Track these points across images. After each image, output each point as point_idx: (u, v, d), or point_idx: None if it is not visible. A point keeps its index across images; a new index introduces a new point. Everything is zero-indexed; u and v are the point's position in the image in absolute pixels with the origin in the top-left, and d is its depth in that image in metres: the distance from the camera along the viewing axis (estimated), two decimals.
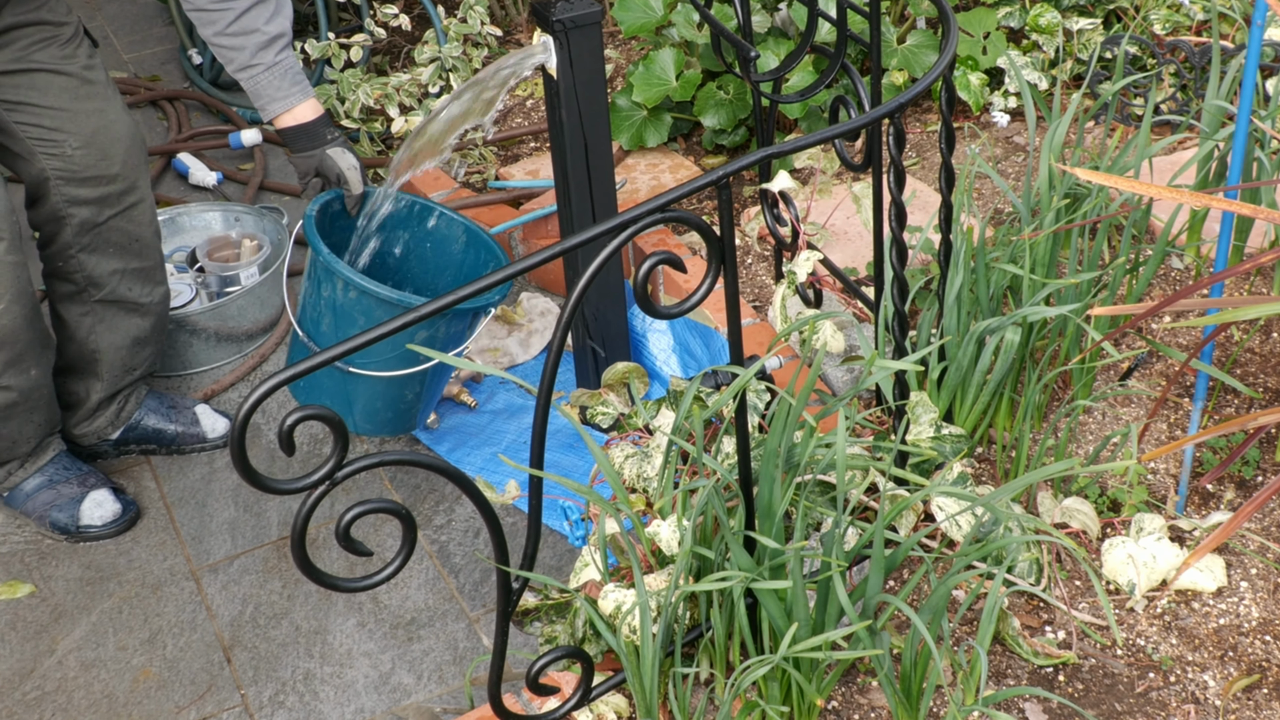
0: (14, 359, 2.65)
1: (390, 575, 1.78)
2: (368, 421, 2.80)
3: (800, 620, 2.02)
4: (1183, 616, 2.30)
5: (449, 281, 2.92)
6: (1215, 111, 2.90)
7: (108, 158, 2.72)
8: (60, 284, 2.82)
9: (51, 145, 2.66)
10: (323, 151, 2.75)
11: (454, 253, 2.91)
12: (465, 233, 2.89)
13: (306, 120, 2.73)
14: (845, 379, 2.85)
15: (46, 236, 2.77)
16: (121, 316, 2.86)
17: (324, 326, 2.68)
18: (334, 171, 2.75)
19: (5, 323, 2.60)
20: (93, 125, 2.69)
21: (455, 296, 1.72)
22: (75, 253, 2.76)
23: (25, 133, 2.65)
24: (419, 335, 2.64)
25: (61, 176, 2.68)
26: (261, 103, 2.71)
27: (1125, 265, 2.72)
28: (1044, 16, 3.67)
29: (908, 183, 3.40)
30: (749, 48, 2.67)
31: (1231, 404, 2.70)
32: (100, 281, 2.81)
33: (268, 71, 2.66)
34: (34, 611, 2.69)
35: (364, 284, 2.57)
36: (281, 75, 2.67)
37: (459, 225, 2.89)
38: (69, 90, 2.66)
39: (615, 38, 4.38)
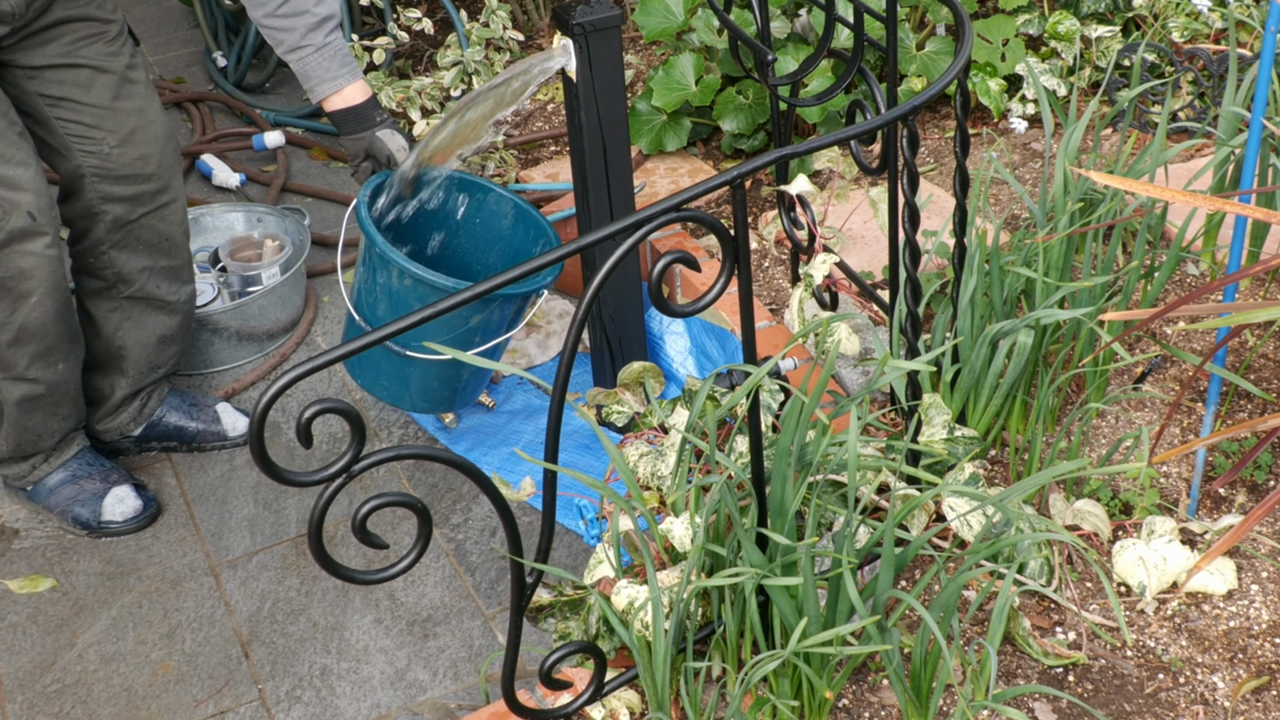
0: (43, 352, 2.69)
1: (406, 568, 1.80)
2: (424, 400, 2.83)
3: (811, 617, 2.03)
4: (1193, 618, 2.31)
5: (497, 257, 2.94)
6: (1231, 118, 2.91)
7: (144, 157, 2.75)
8: (90, 280, 2.86)
9: (89, 143, 2.69)
10: (372, 133, 2.75)
11: (502, 229, 2.93)
12: (514, 209, 2.90)
13: (356, 102, 2.73)
14: (859, 381, 2.87)
15: (78, 232, 2.80)
16: (149, 314, 2.90)
17: (380, 311, 2.71)
18: (384, 153, 2.75)
19: (37, 315, 2.63)
20: (132, 124, 2.72)
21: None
22: (106, 249, 2.79)
23: (64, 129, 2.68)
24: (474, 318, 2.66)
25: (97, 174, 2.72)
26: (311, 84, 2.71)
27: (1140, 270, 2.73)
28: (1062, 24, 3.68)
29: (926, 187, 3.42)
30: (767, 51, 2.70)
31: (1244, 408, 2.71)
32: (129, 278, 2.84)
33: (317, 53, 2.66)
34: (55, 605, 2.72)
35: (419, 272, 2.58)
36: (331, 57, 2.68)
37: (508, 202, 2.91)
38: (111, 88, 2.69)
39: (636, 43, 4.40)
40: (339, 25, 2.69)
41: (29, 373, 2.70)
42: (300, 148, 4.26)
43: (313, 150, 4.24)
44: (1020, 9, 3.77)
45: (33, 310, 2.62)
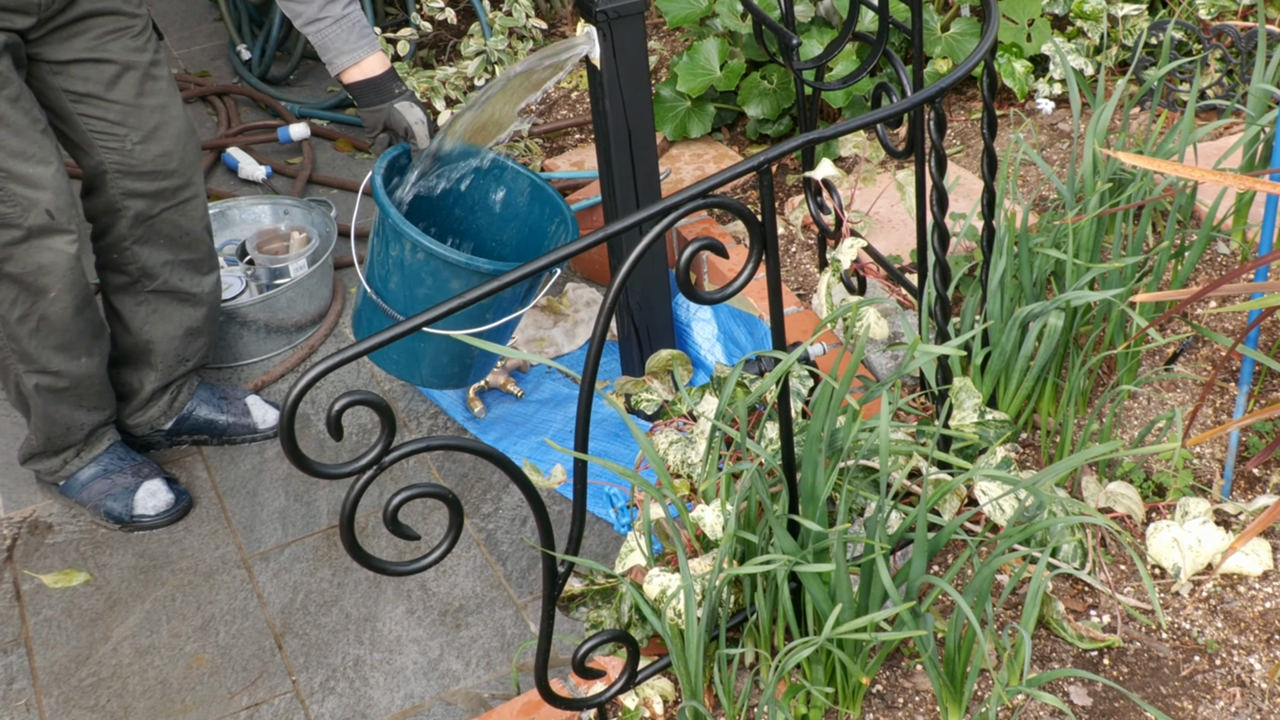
0: (64, 345, 2.70)
1: (438, 558, 1.80)
2: (435, 376, 2.82)
3: (844, 603, 2.03)
4: (1228, 600, 2.30)
5: (513, 232, 2.93)
6: (1261, 96, 2.88)
7: (166, 154, 2.75)
8: (114, 276, 2.87)
9: (112, 139, 2.70)
10: (390, 105, 2.73)
11: (519, 206, 2.92)
12: (530, 186, 2.89)
13: (374, 74, 2.71)
14: (889, 365, 2.86)
15: (101, 228, 2.81)
16: (174, 306, 2.91)
17: (391, 285, 2.71)
18: (401, 125, 2.73)
19: (57, 310, 2.64)
20: (155, 121, 2.73)
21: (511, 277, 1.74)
22: (129, 245, 2.80)
23: (87, 125, 2.68)
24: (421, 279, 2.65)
25: (119, 170, 2.72)
26: (329, 56, 2.69)
27: (1170, 250, 2.71)
28: (1088, 2, 3.66)
29: (952, 170, 3.40)
30: (791, 35, 2.69)
31: (1278, 388, 2.69)
32: (153, 273, 2.85)
33: (335, 25, 2.65)
34: (89, 599, 2.74)
35: (432, 246, 2.57)
36: (349, 29, 2.66)
37: (524, 179, 2.89)
38: (135, 85, 2.70)
39: (659, 29, 4.39)
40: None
41: (51, 365, 2.71)
42: (325, 140, 4.27)
43: (338, 142, 4.24)
44: None
45: (52, 304, 2.63)
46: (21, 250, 2.57)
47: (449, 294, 2.63)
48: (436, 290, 2.66)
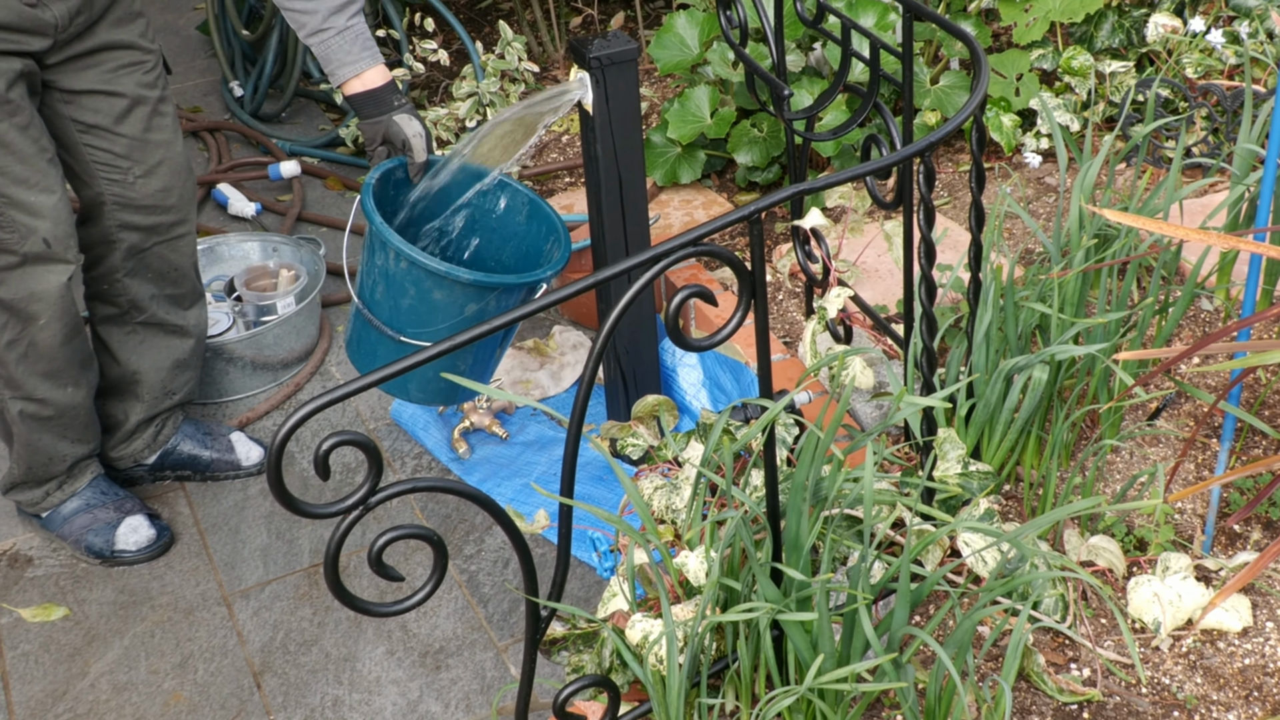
0: (51, 373, 2.70)
1: (421, 600, 1.80)
2: (421, 391, 2.81)
3: (826, 652, 2.03)
4: (1208, 656, 2.30)
5: (512, 250, 2.91)
6: (1246, 155, 2.91)
7: (166, 189, 2.77)
8: (104, 307, 2.87)
9: (115, 171, 2.71)
10: (389, 118, 2.72)
11: (517, 223, 2.90)
12: (528, 204, 2.88)
13: (374, 86, 2.70)
14: (874, 415, 2.87)
15: (94, 259, 2.82)
16: (162, 338, 2.91)
17: (378, 294, 2.70)
18: (400, 138, 2.72)
19: (44, 338, 2.65)
20: (158, 156, 2.75)
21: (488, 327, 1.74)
22: (121, 276, 2.81)
23: (91, 156, 2.70)
24: (469, 308, 2.64)
25: (118, 202, 2.74)
26: (331, 68, 2.68)
27: (1154, 306, 2.73)
28: (1076, 59, 3.69)
29: (939, 221, 3.42)
30: (783, 85, 2.71)
31: (1259, 445, 2.70)
32: (141, 305, 2.86)
33: (339, 36, 2.63)
34: (67, 634, 2.73)
35: (413, 255, 2.57)
36: (352, 40, 2.65)
37: (523, 196, 2.88)
38: (143, 120, 2.71)
39: (651, 75, 4.42)
40: (361, 9, 2.67)
41: (37, 393, 2.71)
42: (316, 177, 4.28)
43: (328, 180, 4.26)
44: (1034, 44, 3.78)
45: (41, 331, 2.64)
46: (15, 276, 2.57)
47: (432, 305, 2.64)
48: (420, 300, 2.65)
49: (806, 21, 2.74)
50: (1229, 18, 3.76)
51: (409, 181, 2.79)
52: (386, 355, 2.76)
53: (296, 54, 4.48)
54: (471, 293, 2.61)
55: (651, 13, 4.87)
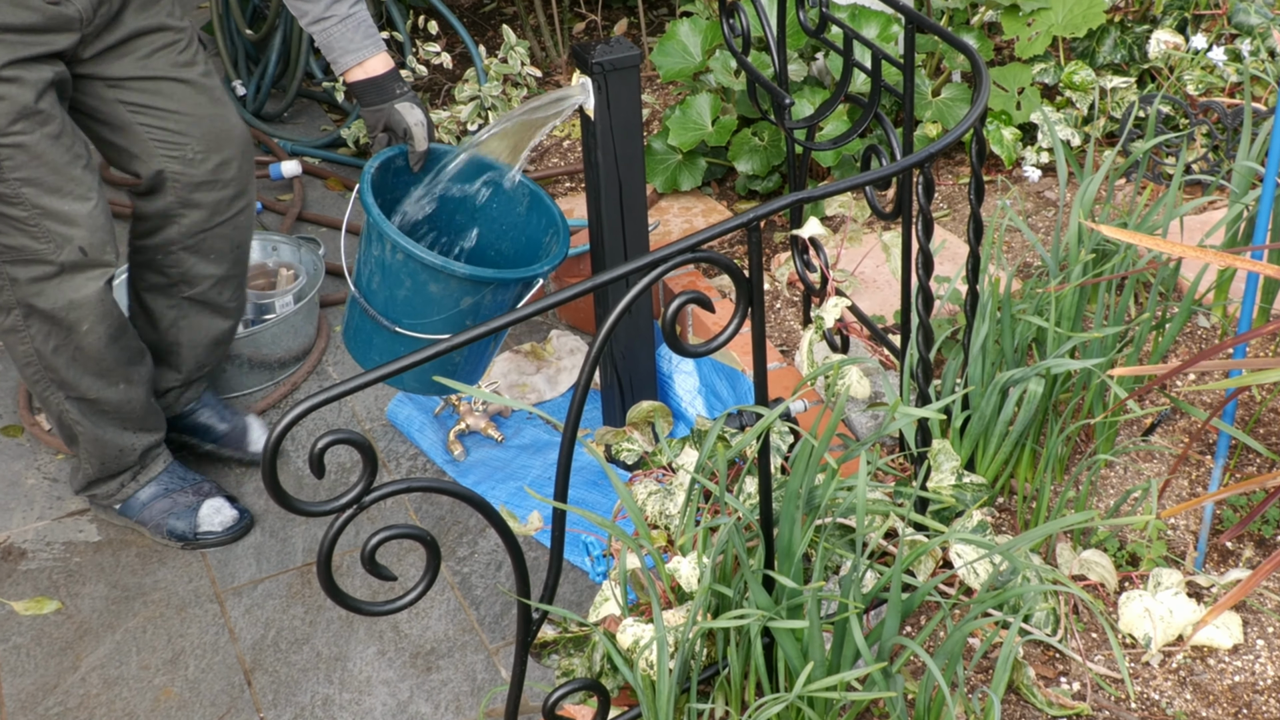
0: (100, 373, 2.71)
1: (414, 600, 1.81)
2: (416, 380, 2.80)
3: (816, 661, 2.03)
4: (1198, 672, 2.31)
5: (512, 240, 2.91)
6: (1245, 173, 2.92)
7: (226, 163, 2.77)
8: (151, 275, 2.88)
9: (173, 147, 2.71)
10: (390, 105, 2.72)
11: (518, 214, 2.89)
12: (529, 196, 2.87)
13: (377, 74, 2.70)
14: (869, 425, 2.87)
15: (150, 228, 2.81)
16: (205, 316, 2.93)
17: (374, 284, 2.70)
18: (401, 126, 2.72)
19: (89, 342, 2.66)
20: (214, 129, 2.75)
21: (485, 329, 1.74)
22: (177, 250, 2.81)
23: (148, 134, 2.70)
24: (464, 301, 2.64)
25: (179, 179, 2.74)
26: (334, 56, 2.68)
27: (1151, 322, 2.74)
28: (1078, 74, 3.70)
29: (939, 233, 3.43)
30: (784, 95, 2.71)
31: (1253, 461, 2.71)
32: (194, 281, 2.87)
33: (340, 24, 2.64)
34: (59, 628, 2.73)
35: (409, 247, 2.56)
36: (354, 28, 2.65)
37: (524, 187, 2.87)
38: (190, 96, 2.71)
39: (653, 82, 4.43)
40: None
41: (90, 393, 2.73)
42: (317, 178, 4.28)
43: (329, 180, 4.26)
44: (1036, 58, 3.79)
45: (85, 337, 2.65)
46: (52, 286, 2.58)
47: (428, 297, 2.64)
48: (415, 292, 2.65)
49: (809, 31, 2.75)
50: (1231, 35, 3.77)
51: (409, 170, 2.79)
52: (382, 345, 2.76)
53: (300, 54, 4.48)
54: (467, 286, 2.61)
55: (655, 19, 4.87)
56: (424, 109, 2.75)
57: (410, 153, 2.75)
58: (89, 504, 2.99)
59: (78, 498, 3.03)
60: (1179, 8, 3.82)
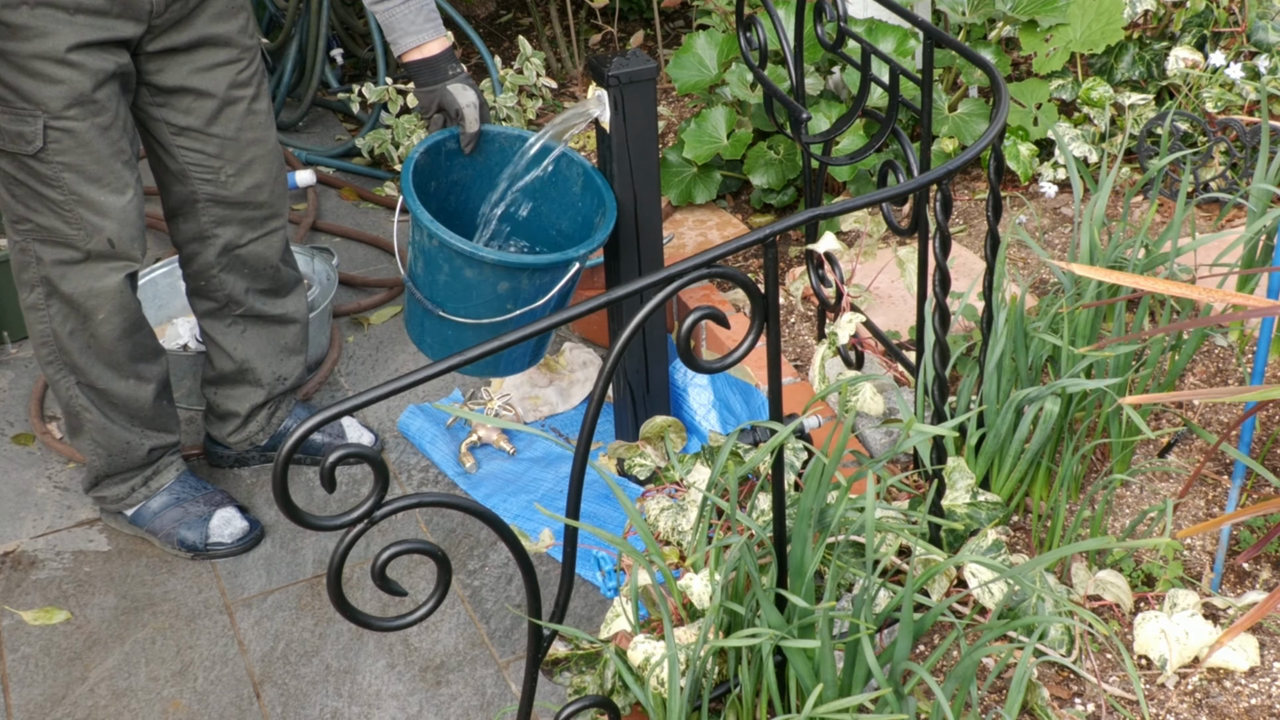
0: (112, 364, 2.73)
1: (424, 616, 1.79)
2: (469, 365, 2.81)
3: (827, 681, 2.02)
4: (1214, 694, 2.29)
5: (570, 219, 2.88)
6: (1263, 192, 2.90)
7: (259, 185, 2.78)
8: (203, 302, 2.91)
9: (208, 171, 2.73)
10: (443, 87, 2.73)
11: (574, 194, 2.88)
12: (583, 175, 2.84)
13: (431, 55, 2.71)
14: (884, 442, 2.85)
15: (188, 254, 2.85)
16: (263, 327, 2.95)
17: (419, 270, 2.72)
18: (454, 107, 2.72)
19: (104, 331, 2.67)
20: (251, 154, 2.75)
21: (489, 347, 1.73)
22: (216, 272, 2.84)
23: (185, 157, 2.71)
24: (501, 286, 2.64)
25: (211, 200, 2.75)
26: (394, 36, 2.71)
27: (1164, 342, 2.72)
28: (1096, 90, 3.69)
29: (954, 249, 3.42)
30: (801, 109, 2.70)
31: (1271, 483, 2.69)
32: (237, 299, 2.89)
33: (403, 6, 2.66)
34: (68, 638, 2.72)
35: (439, 232, 2.57)
36: (417, 10, 2.68)
37: (578, 167, 2.84)
38: (236, 120, 2.71)
39: (668, 94, 4.42)
40: None
41: (99, 382, 2.74)
42: (331, 187, 4.28)
43: (343, 190, 4.26)
44: (1054, 74, 3.78)
45: (101, 325, 2.66)
46: (76, 271, 2.60)
47: (465, 282, 2.64)
48: (453, 277, 2.65)
49: (826, 45, 2.74)
50: (1250, 53, 3.75)
51: (459, 152, 2.79)
52: (433, 329, 2.77)
53: (315, 63, 4.49)
54: (500, 272, 2.60)
55: (671, 32, 4.87)
56: (477, 90, 2.76)
57: (461, 134, 2.75)
58: (99, 512, 2.99)
59: (88, 507, 3.03)
60: (1198, 25, 3.80)
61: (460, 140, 2.76)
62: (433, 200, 2.81)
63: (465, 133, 2.75)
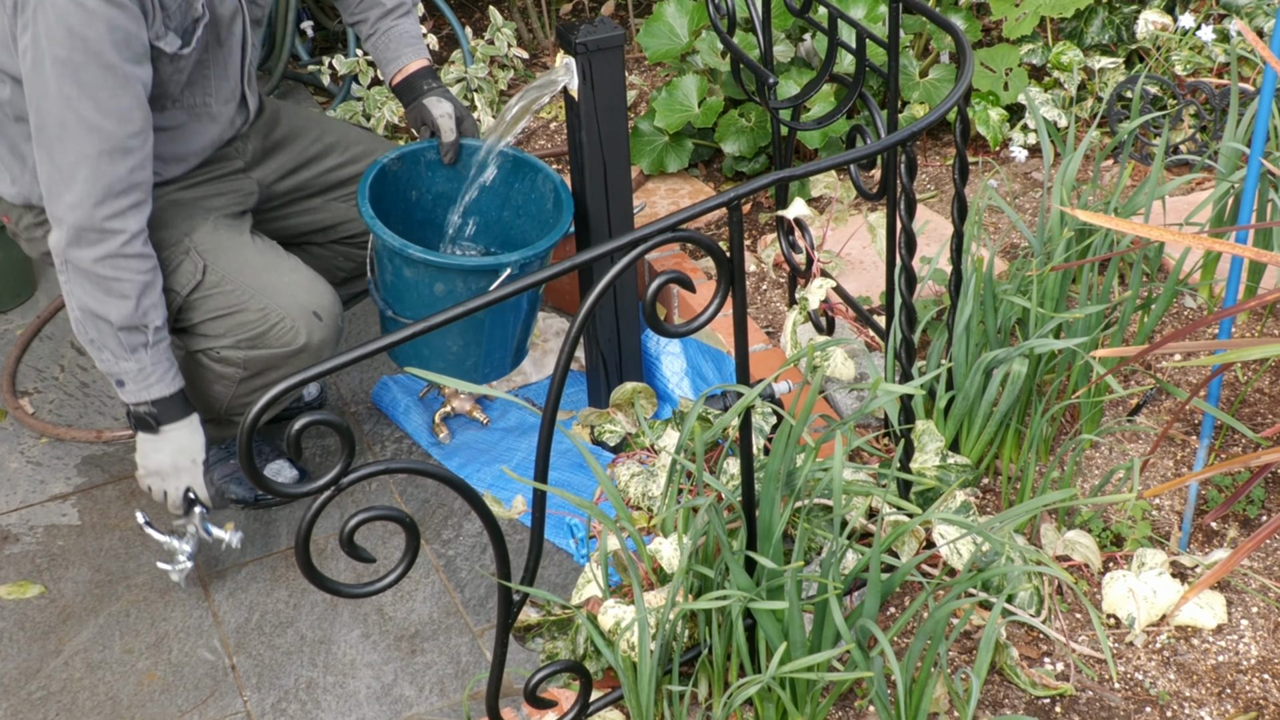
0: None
1: (393, 582, 1.80)
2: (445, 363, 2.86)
3: (796, 642, 2.03)
4: (1182, 652, 2.30)
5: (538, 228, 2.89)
6: (1231, 153, 2.91)
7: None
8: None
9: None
10: (420, 102, 2.84)
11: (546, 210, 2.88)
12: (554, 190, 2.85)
13: (409, 74, 2.87)
14: (854, 406, 2.86)
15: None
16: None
17: (374, 269, 2.79)
18: (430, 119, 2.82)
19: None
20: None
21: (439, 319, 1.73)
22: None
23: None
24: (437, 288, 2.66)
25: None
26: (381, 66, 2.92)
27: (1135, 302, 2.73)
28: (1066, 54, 3.69)
29: (924, 213, 3.42)
30: (768, 74, 2.70)
31: (1238, 441, 2.70)
32: None
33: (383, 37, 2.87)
34: (42, 612, 2.72)
35: (375, 227, 2.61)
36: (397, 38, 2.87)
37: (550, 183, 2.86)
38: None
39: (640, 63, 4.41)
40: (408, 11, 2.90)
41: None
42: None
43: None
44: (1024, 39, 3.78)
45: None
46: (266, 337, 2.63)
47: (404, 281, 2.69)
48: (396, 276, 2.69)
49: (794, 10, 2.74)
50: (1219, 15, 3.76)
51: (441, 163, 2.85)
52: (390, 329, 2.82)
53: (285, 36, 4.46)
54: (433, 272, 2.62)
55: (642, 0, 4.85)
56: (453, 102, 2.84)
57: (440, 145, 2.82)
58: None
59: (61, 481, 3.02)
60: None
61: (440, 151, 2.83)
62: (416, 210, 2.87)
63: (442, 143, 2.82)
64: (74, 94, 2.31)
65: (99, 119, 2.34)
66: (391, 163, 2.78)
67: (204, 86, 2.61)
